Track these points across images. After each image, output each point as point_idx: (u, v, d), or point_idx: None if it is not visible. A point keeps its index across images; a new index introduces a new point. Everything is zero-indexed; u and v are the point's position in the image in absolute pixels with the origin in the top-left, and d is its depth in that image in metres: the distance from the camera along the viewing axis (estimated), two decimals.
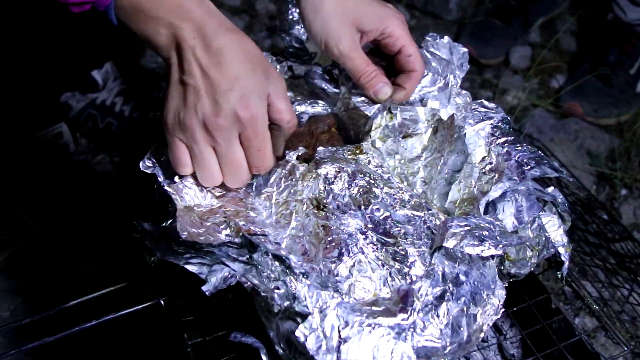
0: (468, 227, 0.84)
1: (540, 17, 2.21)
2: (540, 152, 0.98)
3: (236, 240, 0.79)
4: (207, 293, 0.80)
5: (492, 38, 2.10)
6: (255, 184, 0.91)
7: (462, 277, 0.83)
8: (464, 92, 1.07)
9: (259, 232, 0.81)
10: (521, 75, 2.09)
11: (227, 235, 0.80)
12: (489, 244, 0.82)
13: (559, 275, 0.94)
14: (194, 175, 0.87)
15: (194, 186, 0.87)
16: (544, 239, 0.92)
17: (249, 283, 0.81)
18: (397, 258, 0.86)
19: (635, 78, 1.95)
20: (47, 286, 1.41)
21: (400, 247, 0.88)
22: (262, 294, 0.80)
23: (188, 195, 0.86)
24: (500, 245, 0.83)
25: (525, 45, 2.18)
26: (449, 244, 0.82)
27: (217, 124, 0.79)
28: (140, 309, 0.95)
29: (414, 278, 0.84)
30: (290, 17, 1.13)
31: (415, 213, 0.93)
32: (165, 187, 0.86)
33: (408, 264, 0.86)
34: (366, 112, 1.02)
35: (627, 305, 1.38)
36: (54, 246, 1.49)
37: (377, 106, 1.03)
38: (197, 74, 0.78)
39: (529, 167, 0.95)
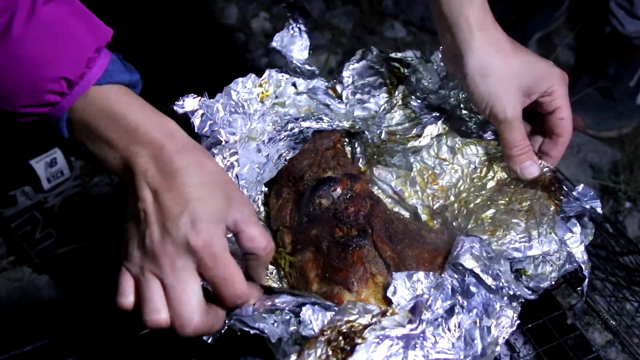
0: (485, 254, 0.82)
1: (537, 31, 2.20)
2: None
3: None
4: (209, 341, 0.78)
5: None
6: None
7: (473, 289, 0.81)
8: None
9: None
10: None
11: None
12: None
13: (579, 292, 0.92)
14: None
15: None
16: (565, 254, 0.90)
17: (237, 325, 0.77)
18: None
19: (635, 90, 1.94)
20: (45, 312, 1.38)
21: None
22: (252, 331, 0.77)
23: None
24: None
25: None
26: (468, 264, 0.80)
27: (164, 252, 0.69)
28: (146, 334, 0.92)
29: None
30: (291, 32, 1.11)
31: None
32: None
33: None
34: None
35: (635, 319, 1.36)
36: (50, 271, 1.46)
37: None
38: (148, 199, 0.70)
39: None
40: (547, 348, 0.97)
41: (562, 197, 0.91)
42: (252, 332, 0.76)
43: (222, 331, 0.75)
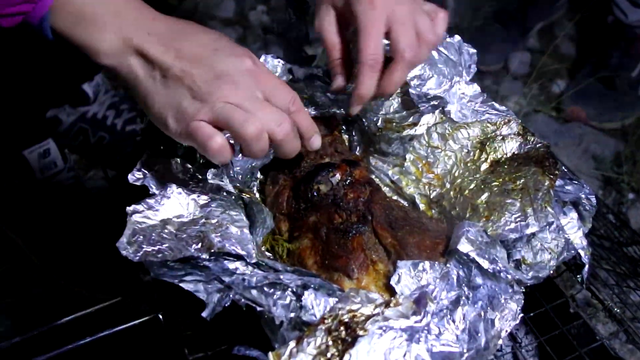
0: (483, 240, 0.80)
1: (538, 22, 2.18)
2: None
3: (204, 256, 0.75)
4: (207, 318, 0.76)
5: (490, 44, 2.07)
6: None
7: (479, 280, 0.79)
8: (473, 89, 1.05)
9: (233, 253, 0.76)
10: (521, 81, 2.06)
11: (195, 249, 0.75)
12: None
13: (579, 279, 0.89)
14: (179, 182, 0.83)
15: (178, 195, 0.82)
16: (563, 240, 0.88)
17: (243, 300, 0.76)
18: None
19: (638, 80, 1.92)
20: (39, 307, 1.37)
21: None
22: (258, 308, 0.76)
23: (169, 205, 0.81)
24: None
25: (524, 51, 2.15)
26: (463, 248, 0.78)
27: (221, 80, 0.74)
28: (137, 324, 0.91)
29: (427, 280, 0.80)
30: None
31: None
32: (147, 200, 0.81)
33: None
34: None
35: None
36: (45, 266, 1.44)
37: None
38: (172, 60, 0.75)
39: None
40: (549, 337, 0.95)
41: (556, 172, 0.88)
42: (258, 308, 0.76)
43: (226, 304, 0.76)
